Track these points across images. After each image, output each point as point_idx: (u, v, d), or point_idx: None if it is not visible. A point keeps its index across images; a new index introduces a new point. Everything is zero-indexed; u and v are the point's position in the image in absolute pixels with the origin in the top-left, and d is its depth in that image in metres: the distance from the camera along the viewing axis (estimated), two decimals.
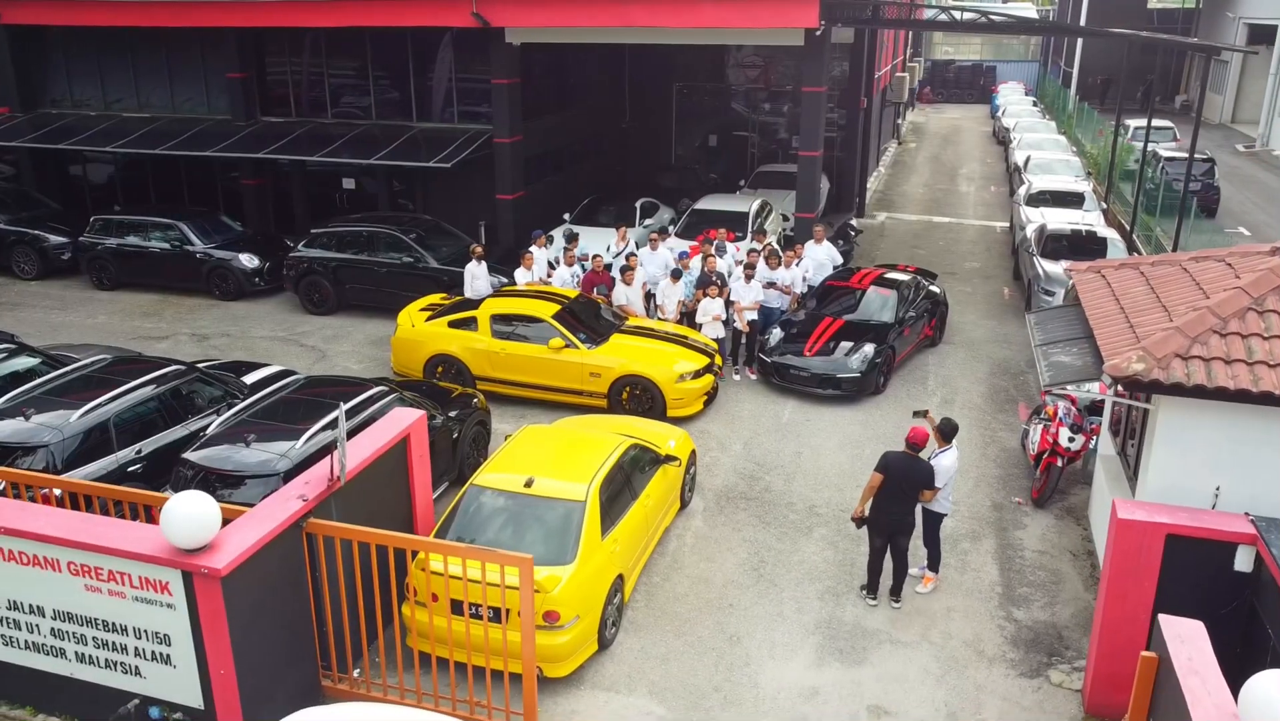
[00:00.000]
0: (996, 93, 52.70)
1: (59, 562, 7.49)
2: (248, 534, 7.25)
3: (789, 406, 14.15)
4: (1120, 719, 8.06)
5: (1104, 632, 7.94)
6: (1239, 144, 37.24)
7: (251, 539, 7.20)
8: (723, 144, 28.37)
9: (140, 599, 7.36)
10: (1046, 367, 9.20)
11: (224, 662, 7.20)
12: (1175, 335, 8.10)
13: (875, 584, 9.63)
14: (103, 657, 7.70)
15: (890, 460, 9.41)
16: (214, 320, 17.72)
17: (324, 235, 17.87)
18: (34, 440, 9.59)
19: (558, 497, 8.93)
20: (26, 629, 7.85)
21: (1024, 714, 8.26)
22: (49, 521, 7.52)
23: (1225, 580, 7.55)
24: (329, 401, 10.18)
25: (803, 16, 16.33)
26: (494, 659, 8.13)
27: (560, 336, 13.50)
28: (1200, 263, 9.46)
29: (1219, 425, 8.15)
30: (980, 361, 15.96)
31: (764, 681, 8.62)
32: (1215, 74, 47.21)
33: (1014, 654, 8.98)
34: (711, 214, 19.45)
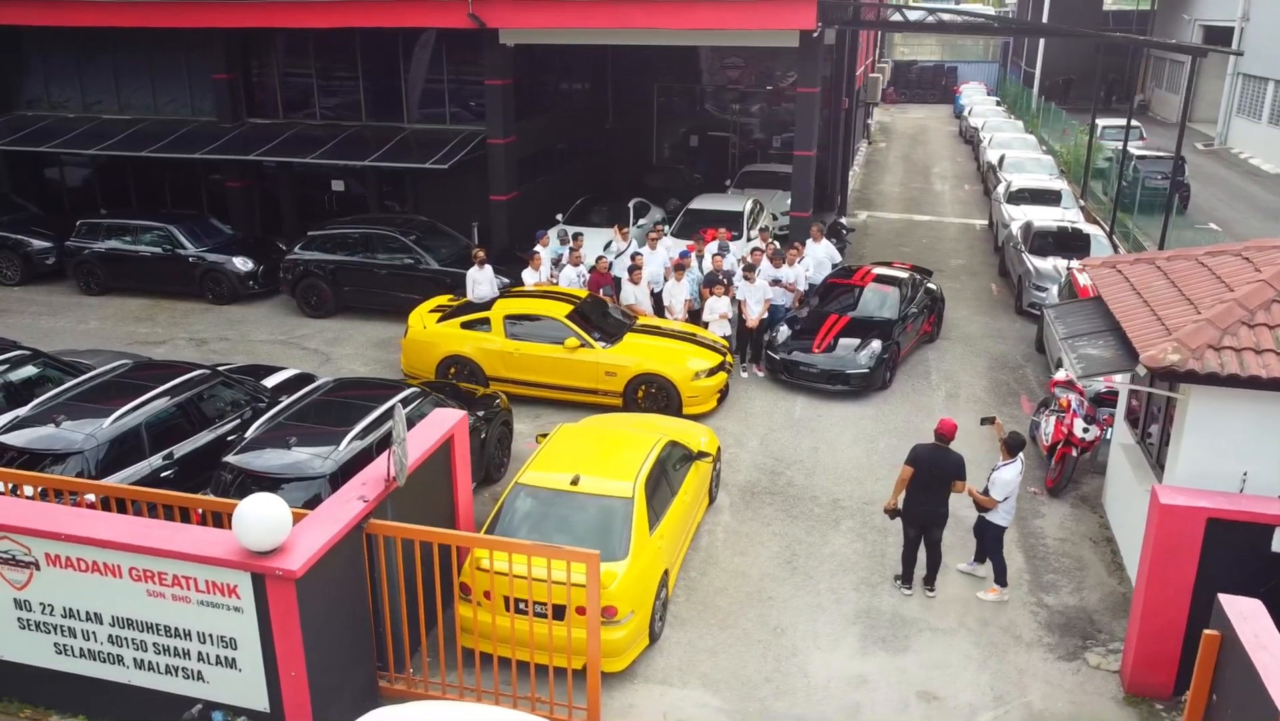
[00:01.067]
0: (959, 93, 53.59)
1: (120, 568, 7.44)
2: (316, 535, 7.26)
3: (799, 402, 14.37)
4: (1161, 697, 8.39)
5: (1145, 614, 8.22)
6: (1198, 142, 38.24)
7: (321, 540, 7.22)
8: (702, 144, 28.61)
9: (206, 603, 7.33)
10: (1077, 360, 9.47)
11: (295, 664, 7.20)
12: (1206, 327, 8.42)
13: (910, 574, 9.84)
14: (163, 663, 7.66)
15: (919, 452, 9.62)
16: (210, 324, 17.52)
17: (321, 237, 17.76)
18: (69, 447, 9.47)
19: (605, 495, 9.03)
20: (82, 636, 7.79)
21: (1066, 695, 8.52)
22: (110, 527, 7.46)
23: (1262, 561, 7.86)
24: (362, 403, 10.22)
25: (800, 18, 16.56)
26: (549, 655, 8.18)
27: (575, 336, 13.58)
28: (1216, 257, 9.81)
29: (1247, 413, 8.48)
30: (978, 356, 16.31)
31: (813, 671, 8.79)
32: (1170, 74, 48.53)
33: (1050, 638, 9.24)
34: (706, 213, 19.64)
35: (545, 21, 17.60)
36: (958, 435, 9.65)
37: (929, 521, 9.53)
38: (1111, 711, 8.34)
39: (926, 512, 9.53)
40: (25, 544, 7.59)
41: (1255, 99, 36.13)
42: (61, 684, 7.95)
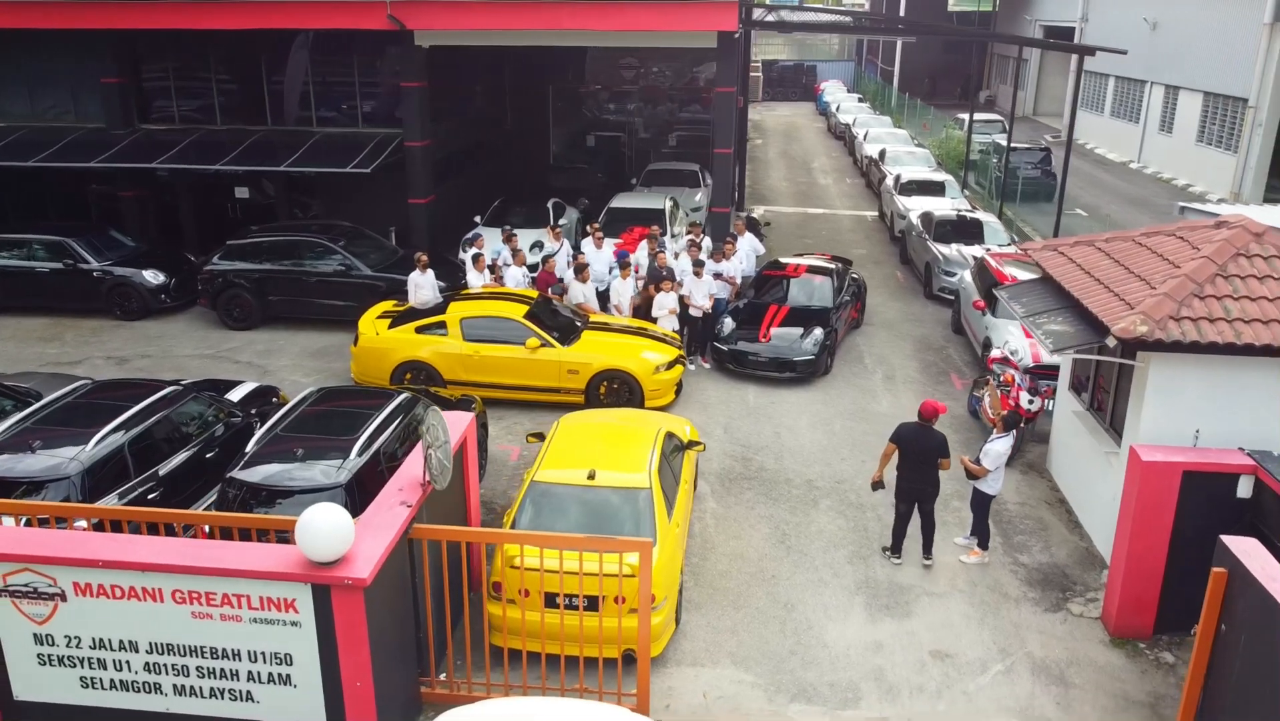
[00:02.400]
0: (820, 91, 55.71)
1: (161, 592, 7.17)
2: (373, 542, 7.20)
3: (750, 391, 14.87)
4: (1142, 638, 9.25)
5: (1129, 562, 9.05)
6: (1047, 135, 41.01)
7: (380, 547, 7.17)
8: (597, 144, 28.89)
9: (259, 620, 7.17)
10: (1045, 336, 10.27)
11: (361, 675, 7.13)
12: (1165, 300, 9.31)
13: (899, 545, 10.42)
14: (207, 687, 7.43)
15: (902, 431, 10.24)
16: (125, 341, 16.65)
17: (243, 246, 17.14)
18: (54, 473, 8.97)
19: (624, 486, 9.23)
20: (114, 667, 7.46)
21: (1059, 643, 9.27)
22: (152, 550, 7.18)
23: (1229, 507, 8.78)
24: (359, 411, 10.07)
25: (723, 20, 17.09)
26: (590, 646, 8.33)
27: (535, 336, 13.65)
28: (1153, 238, 10.80)
29: (1199, 376, 9.41)
30: (903, 340, 17.23)
31: (831, 641, 9.25)
32: (1015, 71, 51.78)
33: (1033, 593, 10.01)
34: (628, 212, 19.93)
35: (471, 24, 17.50)
36: (911, 414, 10.35)
37: (918, 496, 10.12)
38: (1101, 654, 9.13)
39: (914, 489, 10.12)
40: (50, 574, 7.22)
41: (1097, 94, 39.10)
42: (88, 719, 7.58)
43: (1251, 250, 9.86)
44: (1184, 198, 29.34)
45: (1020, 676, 8.82)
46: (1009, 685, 8.71)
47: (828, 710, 8.37)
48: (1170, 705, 8.45)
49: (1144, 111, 33.97)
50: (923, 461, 10.14)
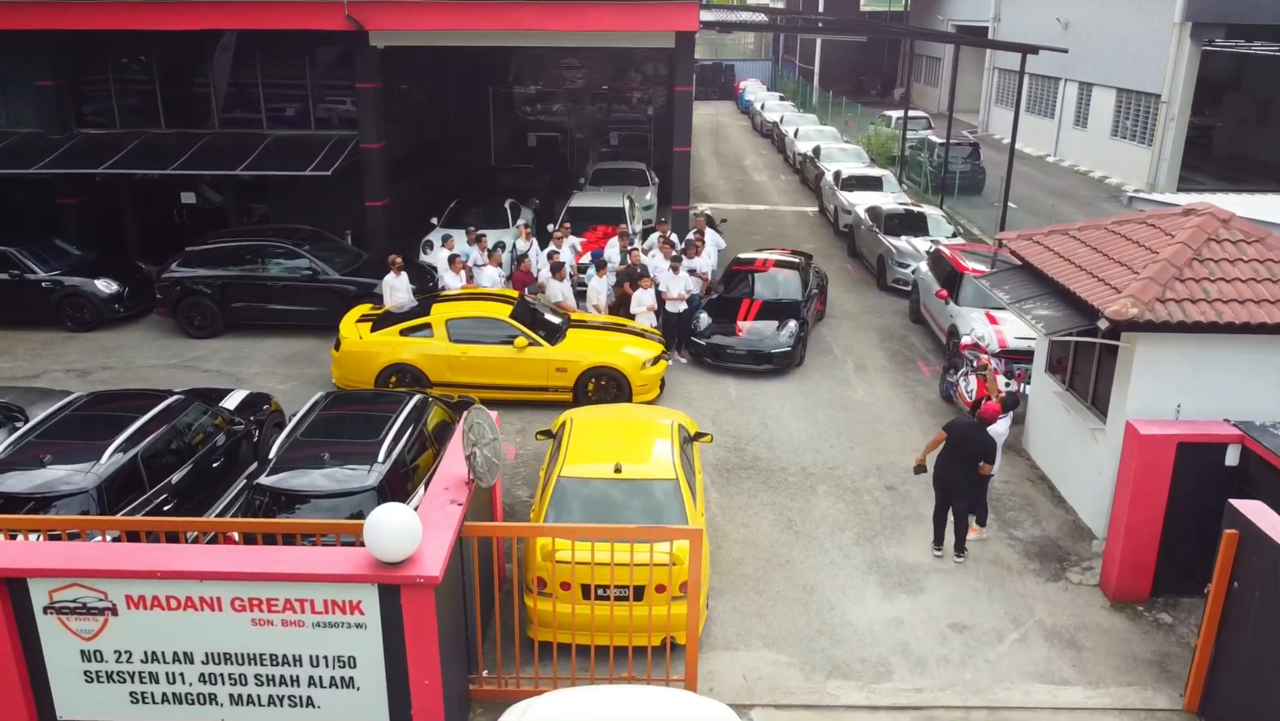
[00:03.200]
0: (741, 90, 56.57)
1: (219, 601, 7.08)
2: (436, 541, 7.23)
3: (730, 384, 15.18)
4: (1140, 601, 9.83)
5: (1128, 530, 9.62)
6: (964, 130, 42.46)
7: (444, 545, 7.21)
8: (539, 144, 28.89)
9: (323, 624, 7.13)
10: (1034, 320, 10.81)
11: (430, 673, 7.16)
12: (1150, 284, 9.91)
13: (941, 536, 10.70)
14: (266, 695, 7.36)
15: (956, 423, 10.49)
16: (81, 353, 16.08)
17: (203, 252, 16.72)
18: (73, 487, 8.71)
19: (651, 478, 9.41)
20: (166, 680, 7.33)
21: (1065, 610, 9.80)
22: (210, 559, 7.09)
23: (1218, 475, 9.42)
24: (376, 415, 10.04)
25: (684, 20, 17.37)
26: (630, 636, 8.47)
27: (523, 335, 13.71)
28: (1125, 226, 11.45)
29: (1181, 354, 10.04)
30: (866, 330, 17.78)
31: (854, 619, 9.60)
32: (929, 69, 53.51)
33: (1033, 565, 10.53)
34: (586, 211, 20.08)
35: (432, 24, 17.40)
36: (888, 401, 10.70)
37: (950, 488, 10.40)
38: (1104, 618, 9.69)
39: (948, 479, 10.37)
40: (100, 588, 7.06)
41: (1011, 90, 40.64)
42: None
43: (1221, 235, 10.55)
44: (1101, 189, 30.85)
45: (1035, 643, 9.30)
46: (1026, 651, 9.18)
47: (863, 684, 8.71)
48: (1175, 662, 9.03)
49: (1059, 107, 35.51)
50: (962, 455, 10.27)
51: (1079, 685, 8.74)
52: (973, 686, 8.70)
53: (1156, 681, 8.79)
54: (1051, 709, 8.43)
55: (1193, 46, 26.77)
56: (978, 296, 15.98)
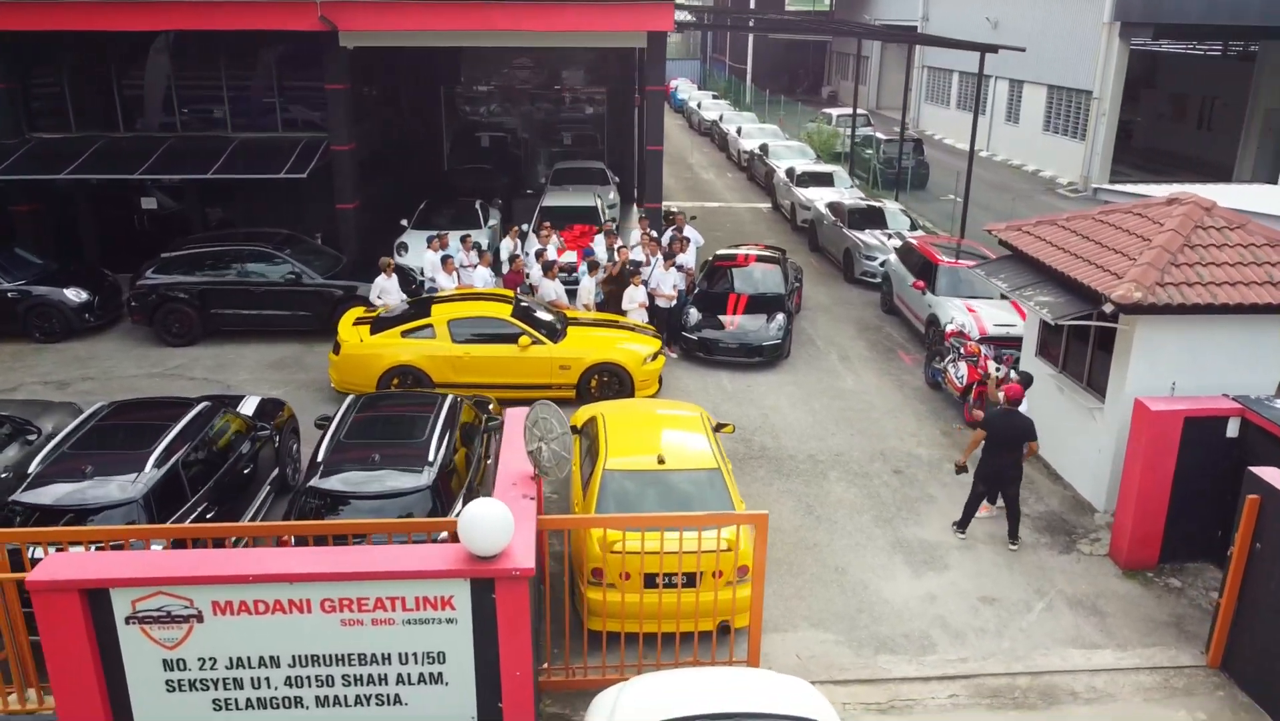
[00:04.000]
0: (673, 89, 57.02)
1: (309, 603, 7.08)
2: (524, 534, 7.35)
3: (723, 377, 15.50)
4: (1149, 568, 10.45)
5: (1139, 501, 10.22)
6: (895, 126, 43.68)
7: (531, 538, 7.34)
8: (492, 144, 28.82)
9: (413, 620, 7.18)
10: (1038, 306, 11.36)
11: (521, 663, 7.28)
12: (1149, 269, 10.53)
13: (967, 521, 11.10)
14: (353, 695, 7.37)
15: (992, 417, 10.78)
16: (55, 365, 15.58)
17: (181, 258, 16.35)
18: (119, 497, 8.56)
19: (695, 468, 9.65)
20: (251, 685, 7.29)
21: (1082, 580, 10.35)
22: (301, 560, 7.09)
23: (1220, 446, 10.07)
24: (415, 416, 10.08)
25: (660, 20, 17.63)
26: (689, 622, 8.69)
27: (527, 334, 13.80)
28: (1113, 215, 12.11)
29: (1177, 334, 10.70)
30: (842, 322, 18.30)
31: (889, 597, 9.99)
32: (854, 67, 54.74)
33: (1045, 539, 11.09)
34: (559, 210, 20.18)
35: (406, 25, 17.31)
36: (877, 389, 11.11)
37: (999, 479, 10.76)
38: (1119, 585, 10.27)
39: (999, 472, 10.70)
40: (186, 595, 6.99)
41: (942, 88, 41.97)
42: None
43: (1206, 223, 11.26)
44: (1036, 182, 32.12)
45: (1061, 611, 9.82)
46: (1054, 619, 9.69)
47: (911, 657, 9.09)
48: (1190, 622, 9.64)
49: (990, 104, 36.78)
50: (1008, 443, 10.62)
51: (1108, 648, 9.27)
52: (1012, 654, 9.16)
53: (1177, 641, 9.38)
54: (1089, 671, 8.93)
55: (1121, 45, 28.09)
56: (953, 286, 16.66)
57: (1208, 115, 33.38)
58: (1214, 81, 32.86)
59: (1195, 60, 33.99)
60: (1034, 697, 8.60)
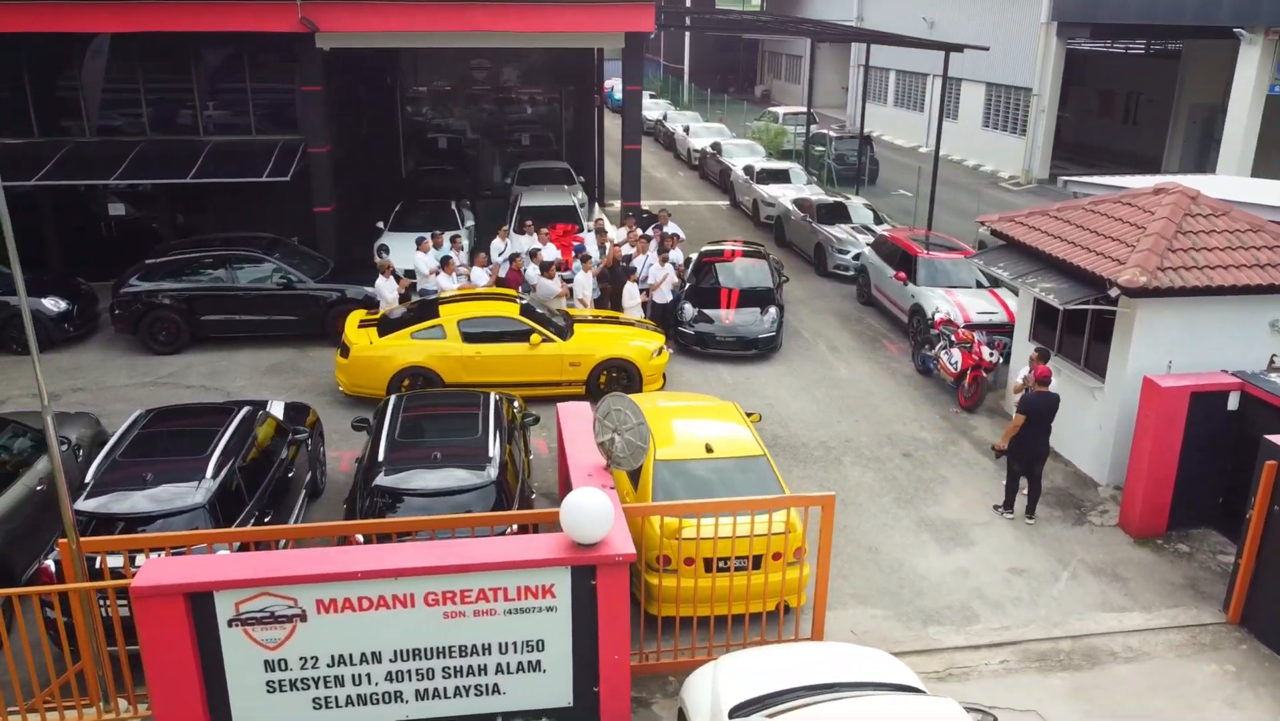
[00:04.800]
0: (609, 89, 57.19)
1: (412, 597, 7.17)
2: (619, 522, 7.55)
3: (722, 370, 15.85)
4: (1158, 536, 11.11)
5: (1150, 473, 10.87)
6: (832, 125, 44.67)
7: (624, 525, 7.54)
8: (449, 145, 28.71)
9: (514, 610, 7.33)
10: (1043, 292, 11.96)
11: (620, 648, 7.48)
12: (1150, 255, 11.20)
13: (1011, 502, 11.59)
14: (453, 687, 7.48)
15: (1031, 400, 11.14)
16: (44, 376, 15.06)
17: (166, 264, 16.02)
18: (185, 504, 8.49)
19: (742, 456, 9.96)
20: (352, 682, 7.34)
21: (1098, 549, 10.96)
22: (405, 556, 7.18)
23: (1221, 418, 10.78)
24: (465, 413, 10.19)
25: (642, 20, 17.88)
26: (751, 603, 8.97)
27: (537, 332, 13.93)
28: (1102, 205, 12.79)
29: (1174, 315, 11.41)
30: (823, 314, 18.82)
31: (925, 573, 10.45)
32: (789, 66, 55.79)
33: (1058, 513, 11.69)
34: (538, 210, 20.25)
35: (387, 25, 17.23)
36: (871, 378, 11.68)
37: (1034, 457, 11.24)
38: (1133, 553, 10.91)
39: (1035, 451, 11.20)
40: (290, 595, 7.02)
41: (880, 86, 43.07)
42: None
43: (1194, 210, 12.01)
44: (979, 177, 33.26)
45: (1085, 578, 10.40)
46: (1081, 587, 10.26)
47: (958, 628, 9.55)
48: (1204, 584, 10.31)
49: (928, 101, 37.93)
50: (1047, 424, 11.18)
51: (1135, 610, 9.87)
52: (1049, 620, 9.69)
53: (1195, 601, 10.02)
54: (1122, 632, 9.50)
55: (1059, 44, 29.32)
56: (934, 276, 17.30)
57: (1134, 110, 35.00)
58: (1139, 79, 34.47)
59: (1120, 59, 35.60)
60: (1078, 659, 9.12)
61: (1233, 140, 22.81)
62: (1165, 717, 8.39)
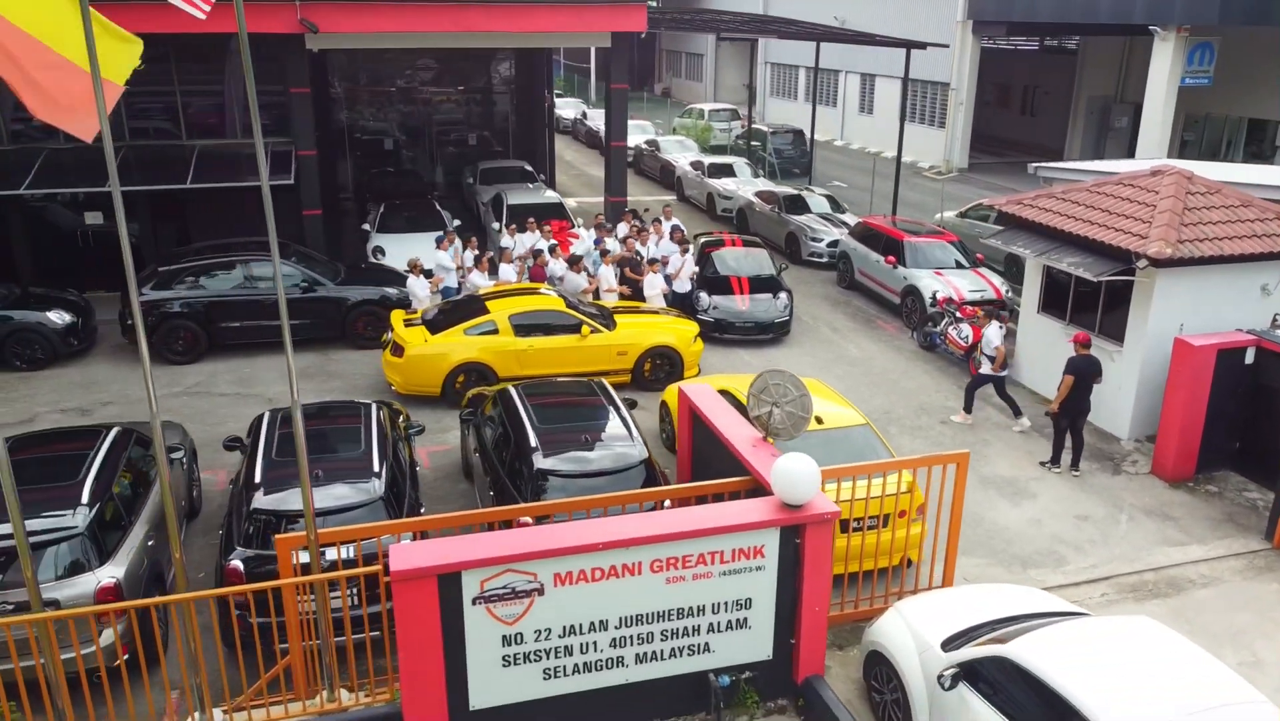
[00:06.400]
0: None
1: (640, 565, 7.62)
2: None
3: (742, 354, 16.59)
4: (1187, 480, 12.44)
5: (1182, 423, 12.18)
6: (738, 122, 46.00)
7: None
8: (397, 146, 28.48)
9: (728, 572, 7.87)
10: (1072, 265, 13.15)
11: (821, 600, 8.11)
12: (1168, 229, 12.52)
13: (1058, 457, 12.68)
14: (669, 649, 7.96)
15: (1077, 363, 12.27)
16: (57, 391, 14.57)
17: (179, 271, 15.62)
18: (366, 497, 8.67)
19: (848, 425, 10.72)
20: (580, 651, 7.74)
21: (1140, 493, 12.21)
22: (638, 526, 7.62)
23: (1239, 371, 12.18)
24: (589, 399, 10.61)
25: (633, 21, 18.43)
26: (877, 559, 9.73)
27: (586, 324, 14.34)
28: (1105, 186, 14.12)
29: (1187, 283, 12.77)
30: (814, 299, 19.79)
31: (1004, 524, 11.45)
32: (690, 65, 56.97)
33: (1095, 465, 12.90)
34: (526, 208, 20.52)
35: (380, 26, 17.22)
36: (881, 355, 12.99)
37: (1079, 413, 12.36)
38: (1170, 495, 12.20)
39: (1082, 407, 12.33)
40: (531, 570, 7.37)
41: (788, 83, 44.64)
42: (545, 712, 7.76)
43: (1192, 189, 13.43)
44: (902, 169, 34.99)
45: (1141, 520, 11.61)
46: (1140, 527, 11.46)
47: (1054, 569, 10.56)
48: (1240, 517, 11.66)
49: (841, 96, 39.66)
50: (1091, 383, 12.35)
51: (1193, 544, 11.11)
52: (1126, 557, 10.82)
53: (1240, 533, 11.35)
54: (1191, 562, 10.71)
55: (975, 40, 31.31)
56: (921, 258, 18.49)
57: (1031, 103, 37.56)
58: (1035, 73, 37.03)
59: (1014, 55, 38.12)
60: (1164, 588, 10.27)
61: (1150, 127, 25.04)
62: (1253, 630, 9.58)
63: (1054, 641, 7.05)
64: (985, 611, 8.07)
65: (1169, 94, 24.48)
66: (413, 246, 17.84)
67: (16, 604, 7.84)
